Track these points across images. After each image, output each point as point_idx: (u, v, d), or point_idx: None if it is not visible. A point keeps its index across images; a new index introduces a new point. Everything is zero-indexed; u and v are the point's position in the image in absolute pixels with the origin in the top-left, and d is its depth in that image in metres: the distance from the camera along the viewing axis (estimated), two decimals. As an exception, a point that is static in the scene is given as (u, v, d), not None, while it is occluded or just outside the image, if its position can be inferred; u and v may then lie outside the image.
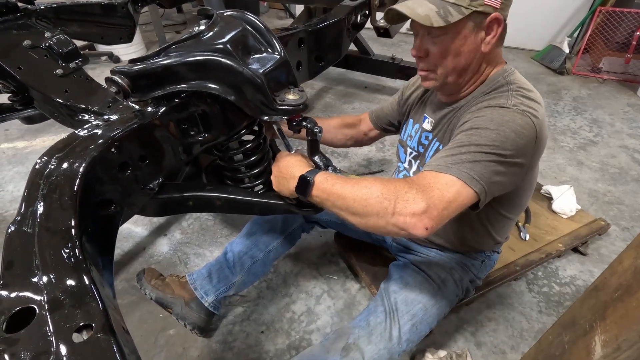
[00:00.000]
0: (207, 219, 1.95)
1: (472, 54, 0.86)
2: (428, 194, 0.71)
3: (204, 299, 1.29)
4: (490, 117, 0.80)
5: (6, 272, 0.45)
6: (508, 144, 0.77)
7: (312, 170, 0.81)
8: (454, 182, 0.74)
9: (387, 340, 0.98)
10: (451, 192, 0.73)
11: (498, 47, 0.90)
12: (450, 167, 0.76)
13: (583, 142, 2.58)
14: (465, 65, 0.88)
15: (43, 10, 1.19)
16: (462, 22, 0.82)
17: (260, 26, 0.78)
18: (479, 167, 0.75)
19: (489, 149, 0.76)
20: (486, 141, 0.77)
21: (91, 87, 1.04)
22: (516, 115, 0.79)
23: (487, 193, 0.76)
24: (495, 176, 0.77)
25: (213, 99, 0.76)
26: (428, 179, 0.75)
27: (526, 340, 1.39)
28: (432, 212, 0.70)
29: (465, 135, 0.80)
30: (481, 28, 0.83)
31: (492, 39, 0.84)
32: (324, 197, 0.77)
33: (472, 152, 0.77)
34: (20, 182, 2.21)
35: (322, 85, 3.35)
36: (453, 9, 0.80)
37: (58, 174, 0.57)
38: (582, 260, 1.71)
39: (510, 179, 0.82)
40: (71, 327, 0.40)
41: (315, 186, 0.78)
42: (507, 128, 0.77)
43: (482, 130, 0.79)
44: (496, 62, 0.93)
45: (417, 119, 1.12)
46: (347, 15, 1.38)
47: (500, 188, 0.81)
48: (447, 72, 0.89)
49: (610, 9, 3.25)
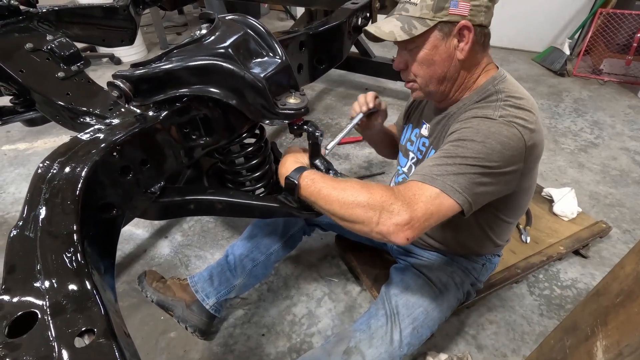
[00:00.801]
0: (208, 221, 1.95)
1: (446, 62, 0.88)
2: (412, 207, 0.74)
3: (205, 301, 1.29)
4: (477, 129, 0.81)
5: (8, 277, 0.45)
6: (494, 156, 0.78)
7: (297, 169, 0.83)
8: (438, 194, 0.76)
9: (388, 344, 0.98)
10: (434, 205, 0.75)
11: (479, 54, 0.90)
12: (435, 178, 0.77)
13: (584, 144, 2.57)
14: (442, 73, 0.89)
15: (45, 13, 1.20)
16: (429, 33, 0.85)
17: (262, 30, 0.78)
18: (463, 180, 0.77)
19: (474, 161, 0.77)
20: (472, 153, 0.78)
21: (92, 89, 1.04)
22: (502, 127, 0.79)
23: (471, 204, 0.78)
24: (479, 187, 0.78)
25: (214, 103, 0.77)
26: (413, 190, 0.77)
27: (527, 343, 1.39)
28: (414, 224, 0.73)
29: (452, 146, 0.82)
30: (451, 36, 0.85)
31: (465, 45, 0.85)
32: (312, 199, 0.81)
33: (457, 164, 0.78)
34: (22, 184, 2.21)
35: (322, 87, 3.35)
36: (418, 22, 0.84)
37: (60, 178, 0.57)
38: (583, 263, 1.70)
39: (499, 187, 0.83)
40: (73, 332, 0.40)
41: (302, 188, 0.81)
42: (493, 140, 0.78)
43: (468, 142, 0.79)
44: (481, 68, 0.92)
45: (416, 125, 1.13)
46: (348, 18, 1.39)
47: (489, 196, 0.83)
48: (426, 81, 0.92)
49: (611, 11, 3.24)
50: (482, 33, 0.86)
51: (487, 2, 0.82)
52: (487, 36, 0.88)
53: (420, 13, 0.83)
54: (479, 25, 0.84)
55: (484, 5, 0.83)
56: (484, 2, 0.82)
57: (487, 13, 0.84)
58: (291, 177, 0.82)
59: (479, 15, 0.83)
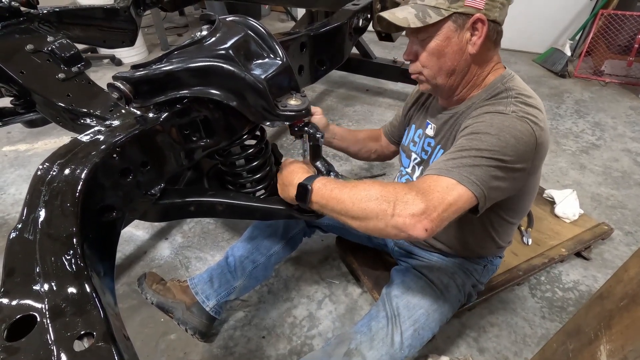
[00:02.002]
0: (208, 222, 1.95)
1: (457, 55, 0.87)
2: (427, 196, 0.71)
3: (205, 303, 1.29)
4: (490, 123, 0.80)
5: (7, 280, 0.45)
6: (508, 150, 0.77)
7: (310, 176, 0.82)
8: (454, 185, 0.74)
9: (389, 346, 0.97)
10: (451, 195, 0.73)
11: (491, 50, 0.90)
12: (451, 170, 0.76)
13: (585, 145, 2.57)
14: (452, 66, 0.89)
15: (46, 15, 1.20)
16: (442, 23, 0.84)
17: (263, 32, 0.78)
18: (479, 171, 0.76)
19: (490, 154, 0.77)
20: (487, 146, 0.77)
21: (93, 91, 1.04)
22: (515, 121, 0.79)
23: (486, 197, 0.77)
24: (494, 181, 0.77)
25: (215, 105, 0.76)
26: (428, 182, 0.76)
27: (529, 346, 1.38)
28: (432, 214, 0.70)
29: (466, 140, 0.81)
30: (465, 29, 0.84)
31: (477, 39, 0.85)
32: (323, 202, 0.78)
33: (472, 156, 0.77)
34: (22, 185, 2.21)
35: (323, 88, 3.35)
36: (432, 11, 0.83)
37: (60, 180, 0.57)
38: (585, 265, 1.70)
39: (510, 184, 0.82)
40: (72, 336, 0.40)
41: (314, 193, 0.79)
42: (507, 134, 0.77)
43: (482, 135, 0.79)
44: (491, 65, 0.93)
45: (420, 125, 1.12)
46: (349, 19, 1.39)
47: (500, 193, 0.82)
48: (434, 73, 0.91)
49: (612, 12, 3.24)
50: (495, 30, 0.86)
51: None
52: (499, 34, 0.88)
53: (435, 2, 0.83)
54: (493, 21, 0.84)
55: (500, 2, 0.83)
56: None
57: (502, 10, 0.85)
58: (305, 183, 0.79)
59: (493, 10, 0.83)
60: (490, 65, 0.92)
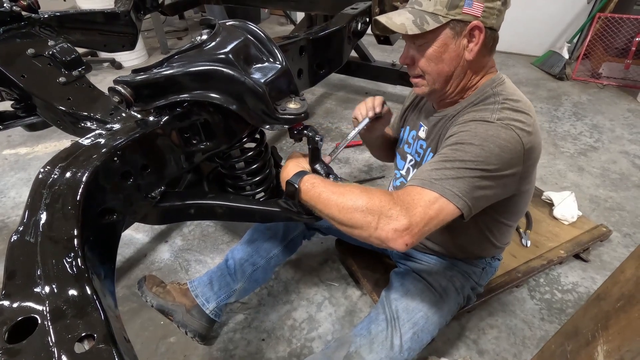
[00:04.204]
0: (208, 225, 1.95)
1: (454, 61, 0.88)
2: (411, 212, 0.73)
3: (205, 306, 1.29)
4: (475, 132, 0.81)
5: (8, 282, 0.46)
6: (492, 159, 0.78)
7: (298, 173, 0.83)
8: (437, 199, 0.76)
9: (388, 349, 0.98)
10: (433, 210, 0.75)
11: (486, 57, 0.91)
12: (434, 183, 0.77)
13: (584, 147, 2.58)
14: (449, 71, 0.89)
15: (47, 19, 1.21)
16: (440, 30, 0.84)
17: (262, 36, 0.79)
18: (462, 184, 0.76)
19: (473, 165, 0.77)
20: (470, 157, 0.78)
21: (93, 94, 1.05)
22: (500, 130, 0.80)
23: (470, 208, 0.78)
24: (479, 191, 0.78)
25: (215, 108, 0.77)
26: (412, 195, 0.77)
27: (528, 348, 1.39)
28: (413, 230, 0.73)
29: (451, 150, 0.82)
30: (462, 36, 0.85)
31: (474, 46, 0.85)
32: (312, 203, 0.81)
33: (456, 167, 0.78)
34: (22, 188, 2.21)
35: (322, 91, 3.36)
36: (430, 17, 0.83)
37: (61, 183, 0.57)
38: (583, 266, 1.70)
39: (500, 190, 0.83)
40: (73, 338, 0.40)
41: (303, 193, 0.81)
42: (491, 143, 0.78)
43: (466, 145, 0.80)
44: (485, 71, 0.93)
45: (413, 126, 1.13)
46: (348, 23, 1.40)
47: (487, 200, 0.83)
48: (433, 78, 0.91)
49: (610, 15, 3.26)
50: (492, 37, 0.87)
51: (500, 5, 0.83)
52: (495, 40, 0.88)
53: (433, 8, 0.83)
54: (490, 28, 0.84)
55: (497, 9, 0.83)
56: (497, 5, 0.82)
57: (499, 17, 0.85)
58: (292, 181, 0.82)
59: (491, 17, 0.83)
60: (485, 71, 0.93)
